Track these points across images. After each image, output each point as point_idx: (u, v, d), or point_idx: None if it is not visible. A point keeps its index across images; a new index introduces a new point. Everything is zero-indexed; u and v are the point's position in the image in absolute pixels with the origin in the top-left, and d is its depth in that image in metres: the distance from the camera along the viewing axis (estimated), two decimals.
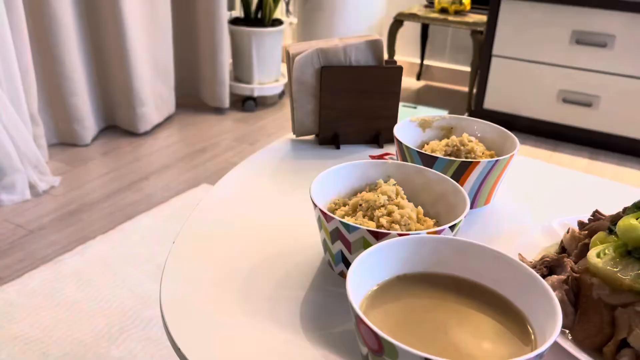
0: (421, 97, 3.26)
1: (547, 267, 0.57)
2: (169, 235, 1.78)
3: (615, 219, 0.59)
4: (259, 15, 2.85)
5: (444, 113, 2.92)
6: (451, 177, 0.70)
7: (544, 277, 0.56)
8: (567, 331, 0.52)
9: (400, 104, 3.16)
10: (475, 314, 0.48)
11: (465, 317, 0.48)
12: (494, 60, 2.64)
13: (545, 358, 0.50)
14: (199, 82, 2.87)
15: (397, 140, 0.74)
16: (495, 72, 2.66)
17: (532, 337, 0.45)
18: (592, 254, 0.53)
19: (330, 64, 0.88)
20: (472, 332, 0.46)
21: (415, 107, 2.97)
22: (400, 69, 0.90)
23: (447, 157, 0.70)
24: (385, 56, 3.20)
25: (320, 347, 0.50)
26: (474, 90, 2.81)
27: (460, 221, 0.55)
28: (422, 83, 3.47)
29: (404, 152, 0.74)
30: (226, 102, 2.81)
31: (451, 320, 0.47)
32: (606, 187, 0.84)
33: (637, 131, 2.45)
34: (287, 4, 3.30)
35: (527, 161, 0.91)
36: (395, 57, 3.45)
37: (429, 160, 0.71)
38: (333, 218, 0.55)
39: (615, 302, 0.50)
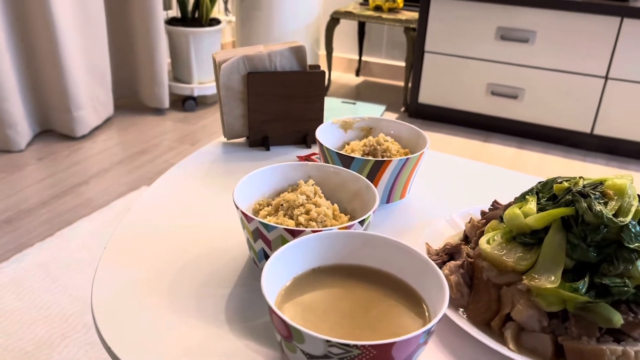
0: (361, 93, 3.35)
1: (448, 254, 0.63)
2: None
3: (508, 208, 0.66)
4: (196, 15, 2.85)
5: (381, 108, 3.02)
6: (367, 175, 0.76)
7: (444, 263, 0.62)
8: (462, 310, 0.58)
9: (340, 100, 3.23)
10: (380, 299, 0.54)
11: (371, 302, 0.53)
12: (426, 56, 2.75)
13: (442, 334, 0.57)
14: (137, 83, 2.84)
15: (319, 142, 0.80)
16: (428, 67, 2.77)
17: (427, 315, 0.51)
18: (482, 240, 0.60)
19: (256, 70, 0.92)
20: (376, 314, 0.52)
21: (354, 103, 3.05)
22: (323, 73, 0.95)
23: (363, 157, 0.76)
24: (324, 52, 3.26)
25: (244, 338, 0.55)
26: (409, 85, 2.91)
27: (369, 216, 0.61)
28: (361, 79, 3.56)
29: (325, 153, 0.79)
30: (166, 103, 2.80)
31: (359, 306, 0.53)
32: (511, 177, 0.92)
33: (560, 121, 2.62)
34: (226, 2, 3.30)
35: (442, 156, 0.98)
36: (334, 54, 3.52)
37: (346, 160, 0.76)
38: (253, 219, 0.59)
39: (501, 282, 0.57)
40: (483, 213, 0.71)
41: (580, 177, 0.60)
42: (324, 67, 3.34)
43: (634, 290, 0.52)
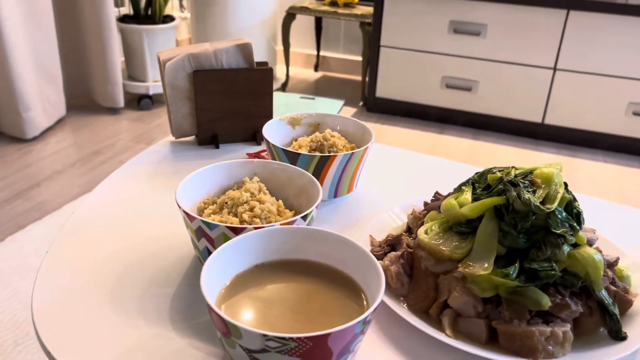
0: (319, 88, 3.36)
1: (390, 245, 0.65)
2: None
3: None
4: (149, 12, 2.80)
5: (340, 103, 3.04)
6: (314, 171, 0.77)
7: (386, 254, 0.64)
8: (403, 299, 0.60)
9: (299, 95, 3.24)
10: (322, 291, 0.55)
11: (313, 295, 0.54)
12: (382, 51, 2.78)
13: (383, 324, 0.59)
14: (90, 83, 2.77)
15: (265, 139, 0.80)
16: (384, 61, 2.80)
17: (365, 305, 0.53)
18: (421, 230, 0.61)
19: (202, 68, 0.92)
20: (317, 307, 0.53)
21: (313, 99, 3.06)
22: (270, 70, 0.95)
23: (308, 153, 0.77)
24: (280, 48, 3.26)
25: (187, 336, 0.55)
26: (367, 80, 2.94)
27: (311, 211, 0.62)
28: (319, 74, 3.57)
29: (272, 150, 0.80)
30: (120, 102, 2.75)
31: (300, 299, 0.54)
32: (455, 168, 0.94)
33: (512, 111, 2.69)
34: None
35: (389, 149, 1.00)
36: (292, 49, 3.52)
37: (292, 157, 0.77)
38: (195, 218, 0.59)
39: (438, 271, 0.59)
40: (425, 204, 0.73)
41: (512, 167, 0.62)
42: (281, 62, 3.34)
43: (560, 273, 0.55)
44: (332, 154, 0.78)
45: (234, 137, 0.99)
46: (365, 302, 0.53)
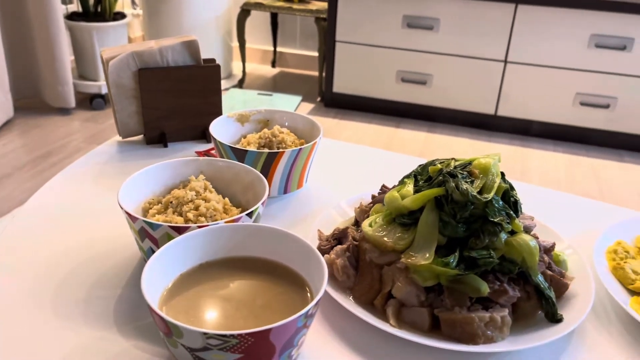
0: (277, 84, 3.35)
1: (336, 239, 0.66)
2: None
3: None
4: (99, 9, 2.73)
5: (298, 99, 3.04)
6: (262, 167, 0.77)
7: (332, 247, 0.64)
8: (349, 291, 0.61)
9: (256, 92, 3.22)
10: (267, 287, 0.55)
11: (258, 292, 0.54)
12: (338, 46, 2.79)
13: (330, 317, 0.59)
14: (39, 83, 2.69)
15: (212, 136, 0.80)
16: (340, 57, 2.81)
17: (310, 298, 0.53)
18: (365, 223, 0.62)
19: (147, 66, 0.90)
20: (262, 303, 0.53)
21: (271, 95, 3.05)
22: (218, 67, 0.95)
23: (256, 150, 0.77)
24: (236, 44, 3.23)
25: (132, 338, 0.54)
26: (324, 75, 2.95)
27: (257, 208, 0.62)
28: (277, 70, 3.55)
29: (219, 147, 0.79)
30: (72, 102, 2.67)
31: (245, 296, 0.54)
32: (403, 161, 0.96)
33: (466, 104, 2.75)
34: None
35: (339, 144, 1.01)
36: (248, 46, 3.50)
37: (240, 154, 0.77)
38: (137, 218, 0.59)
39: (382, 262, 0.60)
40: (373, 197, 0.74)
41: (452, 159, 0.64)
42: (237, 59, 3.31)
43: (498, 260, 0.56)
44: (280, 150, 0.78)
45: (183, 136, 0.97)
46: (310, 296, 0.54)
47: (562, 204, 0.85)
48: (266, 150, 0.78)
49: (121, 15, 2.79)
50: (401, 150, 2.49)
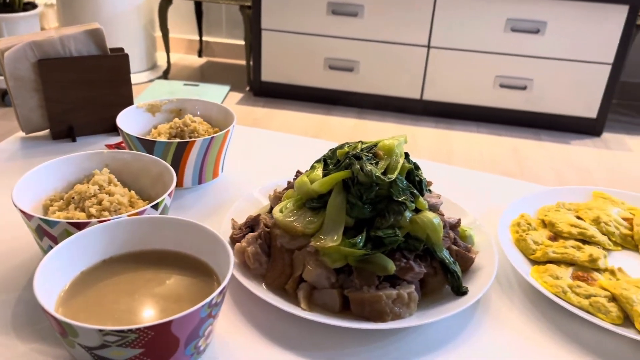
0: (205, 74, 3.28)
1: (249, 227, 0.65)
2: None
3: None
4: (7, 0, 2.57)
5: (226, 89, 2.99)
6: (173, 158, 0.76)
7: (245, 235, 0.64)
8: (262, 278, 0.61)
9: (182, 83, 3.13)
10: (175, 279, 0.54)
11: (164, 284, 0.53)
12: (264, 34, 2.76)
13: (243, 304, 0.59)
14: None
15: (119, 128, 0.77)
16: (267, 45, 2.78)
17: (216, 287, 0.52)
18: (276, 209, 0.62)
19: (48, 57, 0.86)
20: (170, 295, 0.52)
21: (197, 85, 2.98)
22: (126, 56, 0.91)
23: (165, 140, 0.75)
24: (159, 34, 3.13)
25: (31, 341, 0.52)
26: (251, 64, 2.91)
27: (162, 200, 0.61)
28: (204, 60, 3.48)
29: (127, 139, 0.77)
30: None
31: (150, 290, 0.52)
32: (321, 146, 0.96)
33: (393, 89, 2.79)
34: None
35: (256, 131, 1.00)
36: (173, 35, 3.40)
37: (148, 145, 0.75)
38: (33, 216, 0.56)
39: (293, 247, 0.60)
40: (289, 184, 0.74)
41: (359, 141, 0.65)
42: (161, 49, 3.21)
43: (403, 239, 0.58)
44: (191, 139, 0.76)
45: (94, 129, 0.94)
46: (217, 285, 0.53)
47: (473, 182, 0.89)
48: (176, 140, 0.76)
49: (32, 6, 2.64)
50: (331, 138, 2.50)
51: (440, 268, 0.60)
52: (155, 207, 0.60)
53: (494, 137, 2.67)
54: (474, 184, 0.88)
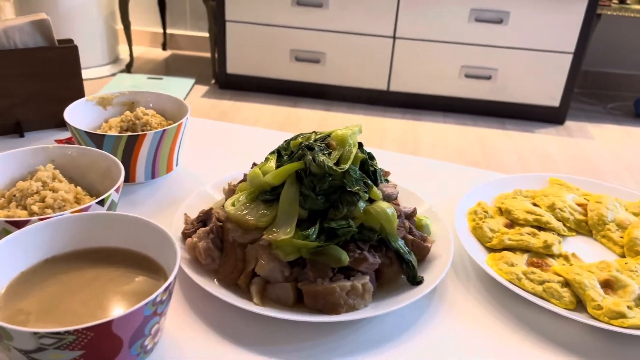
0: (170, 67, 3.22)
1: (201, 221, 0.63)
2: None
3: None
4: None
5: (191, 82, 2.94)
6: (124, 152, 0.73)
7: (197, 230, 0.62)
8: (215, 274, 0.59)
9: (146, 76, 3.07)
10: (122, 278, 0.52)
11: (110, 283, 0.51)
12: (228, 26, 2.72)
13: (196, 302, 0.57)
14: None
15: (67, 122, 0.74)
16: (231, 37, 2.75)
17: (163, 283, 0.51)
18: (228, 202, 0.61)
19: None
20: (115, 295, 0.50)
21: (161, 79, 2.93)
22: (75, 48, 0.88)
23: (115, 134, 0.72)
24: (121, 26, 3.05)
25: None
26: (216, 57, 2.87)
27: (109, 195, 0.58)
28: (168, 52, 3.42)
29: (75, 134, 0.74)
30: None
31: (95, 290, 0.50)
32: (281, 138, 0.95)
33: (359, 81, 2.79)
34: None
35: (212, 123, 0.98)
36: (136, 28, 3.33)
37: (97, 139, 0.72)
38: None
39: (245, 241, 0.59)
40: (245, 176, 0.73)
41: (313, 132, 0.64)
42: (123, 42, 3.14)
43: (357, 229, 0.57)
44: (142, 132, 0.74)
45: (43, 124, 0.90)
46: (163, 278, 0.51)
47: (435, 172, 0.89)
48: (126, 134, 0.73)
49: None
50: (298, 130, 2.48)
51: (395, 258, 0.59)
52: (101, 203, 0.58)
53: (461, 127, 2.69)
54: (435, 174, 0.88)
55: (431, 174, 0.87)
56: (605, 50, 3.16)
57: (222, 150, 0.90)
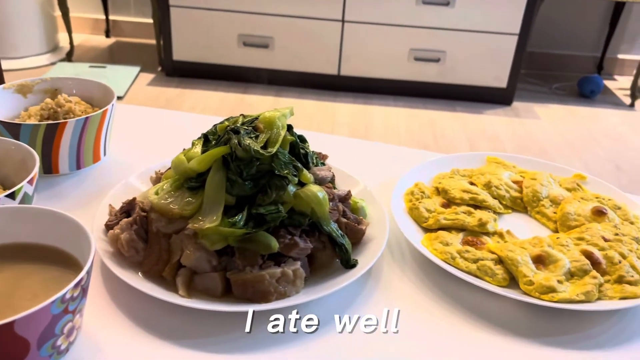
0: (114, 55, 3.10)
1: (125, 212, 0.60)
2: None
3: None
4: None
5: (136, 70, 2.84)
6: (44, 142, 0.69)
7: (119, 222, 0.59)
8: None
9: (88, 65, 2.96)
10: (35, 274, 0.49)
11: (23, 281, 0.48)
12: (172, 11, 2.64)
13: (120, 296, 0.54)
14: None
15: None
16: (176, 22, 2.67)
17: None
18: (151, 191, 0.58)
19: None
20: (26, 293, 0.47)
21: (104, 67, 2.82)
22: None
23: (32, 123, 0.68)
24: (59, 13, 2.92)
25: None
26: (162, 43, 2.78)
27: (20, 188, 0.55)
28: (112, 40, 3.29)
29: None
30: None
31: (5, 288, 0.47)
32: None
33: (309, 66, 2.76)
34: None
35: (143, 110, 0.94)
36: (76, 14, 3.19)
37: (13, 129, 0.68)
38: None
39: (170, 231, 0.56)
40: None
41: (240, 115, 0.61)
42: (62, 29, 3.00)
43: (286, 214, 0.55)
44: (63, 120, 0.70)
45: None
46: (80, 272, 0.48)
47: (377, 154, 0.87)
48: (44, 122, 0.69)
49: None
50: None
51: (328, 242, 0.58)
52: (12, 196, 0.54)
53: (411, 109, 2.71)
54: (379, 157, 0.87)
55: (375, 157, 0.86)
56: (550, 32, 3.24)
57: (157, 138, 0.86)
